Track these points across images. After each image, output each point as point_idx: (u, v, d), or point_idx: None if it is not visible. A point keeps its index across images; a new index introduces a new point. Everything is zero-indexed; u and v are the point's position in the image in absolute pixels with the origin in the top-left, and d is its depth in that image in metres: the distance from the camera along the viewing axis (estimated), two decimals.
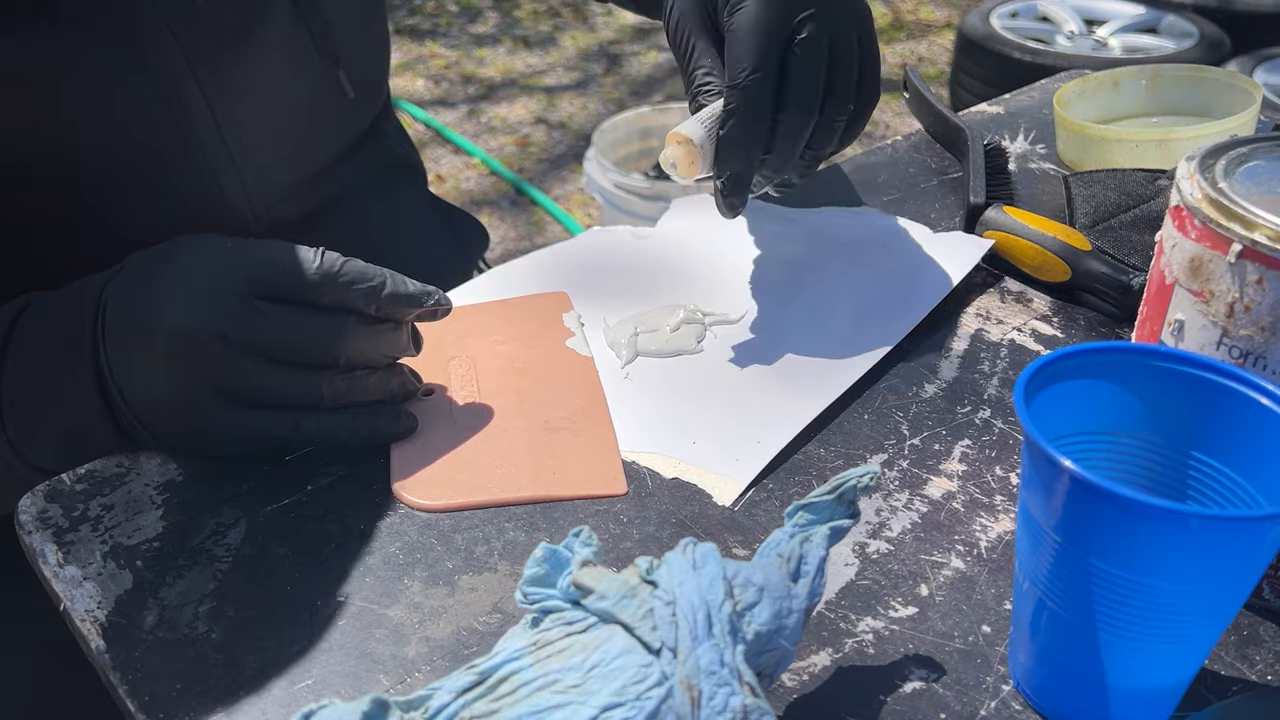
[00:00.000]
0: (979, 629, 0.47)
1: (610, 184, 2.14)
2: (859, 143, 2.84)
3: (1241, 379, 0.40)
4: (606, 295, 0.68)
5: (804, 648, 0.46)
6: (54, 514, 0.53)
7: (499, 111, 3.02)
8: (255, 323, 0.51)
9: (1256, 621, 0.47)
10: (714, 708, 0.35)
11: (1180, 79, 0.84)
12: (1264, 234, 0.42)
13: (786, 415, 0.58)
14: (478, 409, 0.59)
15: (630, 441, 0.57)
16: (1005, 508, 0.53)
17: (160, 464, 0.55)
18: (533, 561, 0.40)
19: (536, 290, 0.69)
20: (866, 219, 0.75)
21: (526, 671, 0.36)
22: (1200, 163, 0.46)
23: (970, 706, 0.44)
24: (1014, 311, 0.67)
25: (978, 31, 2.54)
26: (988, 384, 0.61)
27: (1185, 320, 0.46)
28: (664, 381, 0.61)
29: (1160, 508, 0.35)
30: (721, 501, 0.53)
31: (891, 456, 0.56)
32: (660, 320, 0.65)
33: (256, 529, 0.52)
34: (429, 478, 0.54)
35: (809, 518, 0.42)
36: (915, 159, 0.84)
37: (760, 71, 0.55)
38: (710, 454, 0.56)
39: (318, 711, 0.35)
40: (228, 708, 0.44)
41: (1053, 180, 0.81)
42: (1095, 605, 0.38)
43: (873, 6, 3.66)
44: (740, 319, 0.65)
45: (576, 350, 0.63)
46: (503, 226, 2.46)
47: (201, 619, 0.47)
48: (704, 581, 0.37)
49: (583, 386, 0.60)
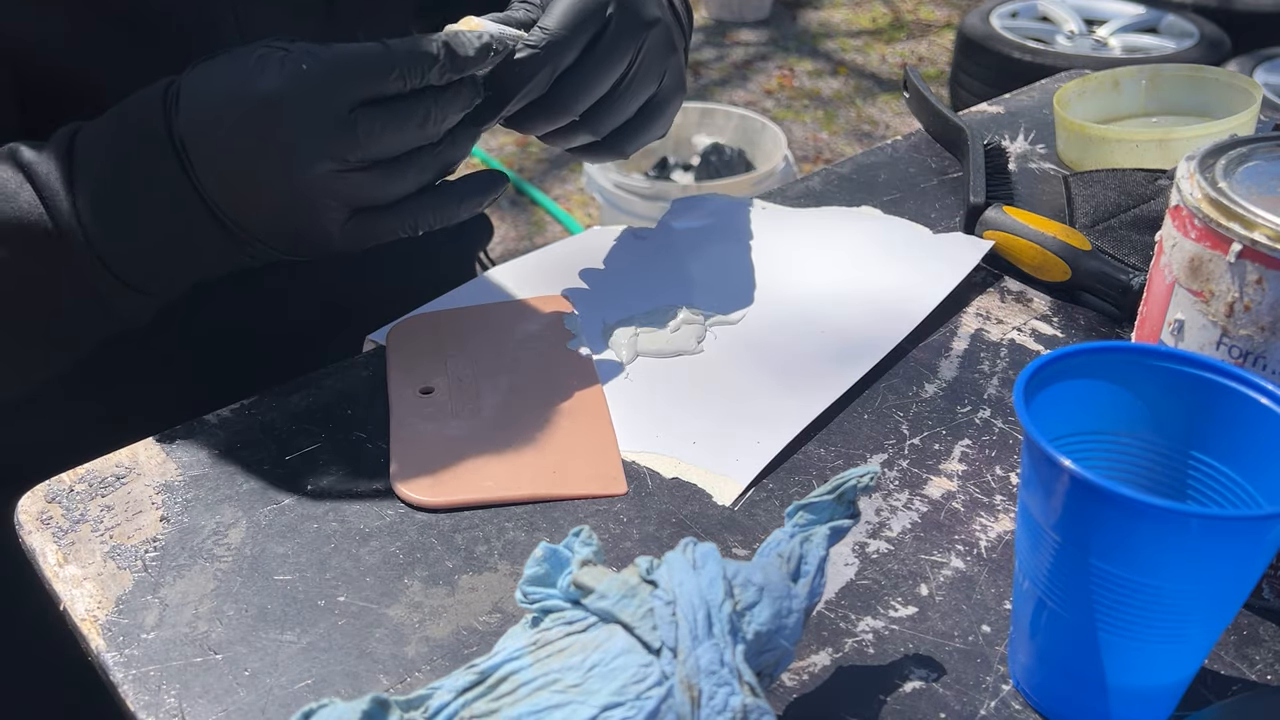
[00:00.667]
0: (979, 629, 0.47)
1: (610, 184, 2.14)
2: (859, 142, 2.84)
3: (1241, 379, 0.40)
4: (606, 295, 0.68)
5: (804, 647, 0.46)
6: (54, 514, 0.53)
7: None
8: (348, 82, 0.50)
9: (1256, 621, 0.47)
10: (714, 707, 0.35)
11: (1180, 79, 0.84)
12: (1264, 234, 0.42)
13: (786, 415, 0.58)
14: (478, 408, 0.59)
15: (630, 441, 0.57)
16: (1005, 508, 0.53)
17: (160, 464, 0.55)
18: (533, 561, 0.40)
19: (537, 289, 0.69)
20: (866, 219, 0.75)
21: (526, 671, 0.36)
22: (1200, 163, 0.46)
23: (970, 706, 0.44)
24: (1014, 311, 0.67)
25: (978, 31, 2.54)
26: (988, 384, 0.61)
27: (1185, 320, 0.46)
28: (664, 381, 0.61)
29: (1160, 508, 0.35)
30: (721, 501, 0.53)
31: (891, 456, 0.56)
32: (660, 320, 0.65)
33: (256, 529, 0.52)
34: (429, 475, 0.54)
35: (809, 518, 0.42)
36: (915, 159, 0.84)
37: (569, 31, 0.54)
38: (710, 454, 0.56)
39: (318, 711, 0.35)
40: (228, 708, 0.44)
41: (1053, 180, 0.81)
42: (1095, 605, 0.38)
43: (873, 6, 3.67)
44: (740, 319, 0.65)
45: (576, 352, 0.63)
46: (503, 226, 2.46)
47: (201, 619, 0.47)
48: (704, 581, 0.37)
49: (582, 387, 0.60)
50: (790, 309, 0.66)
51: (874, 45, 3.42)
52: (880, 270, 0.69)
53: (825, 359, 0.62)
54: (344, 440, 0.57)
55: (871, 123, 2.95)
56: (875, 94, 3.11)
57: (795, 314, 0.66)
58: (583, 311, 0.66)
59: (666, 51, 0.59)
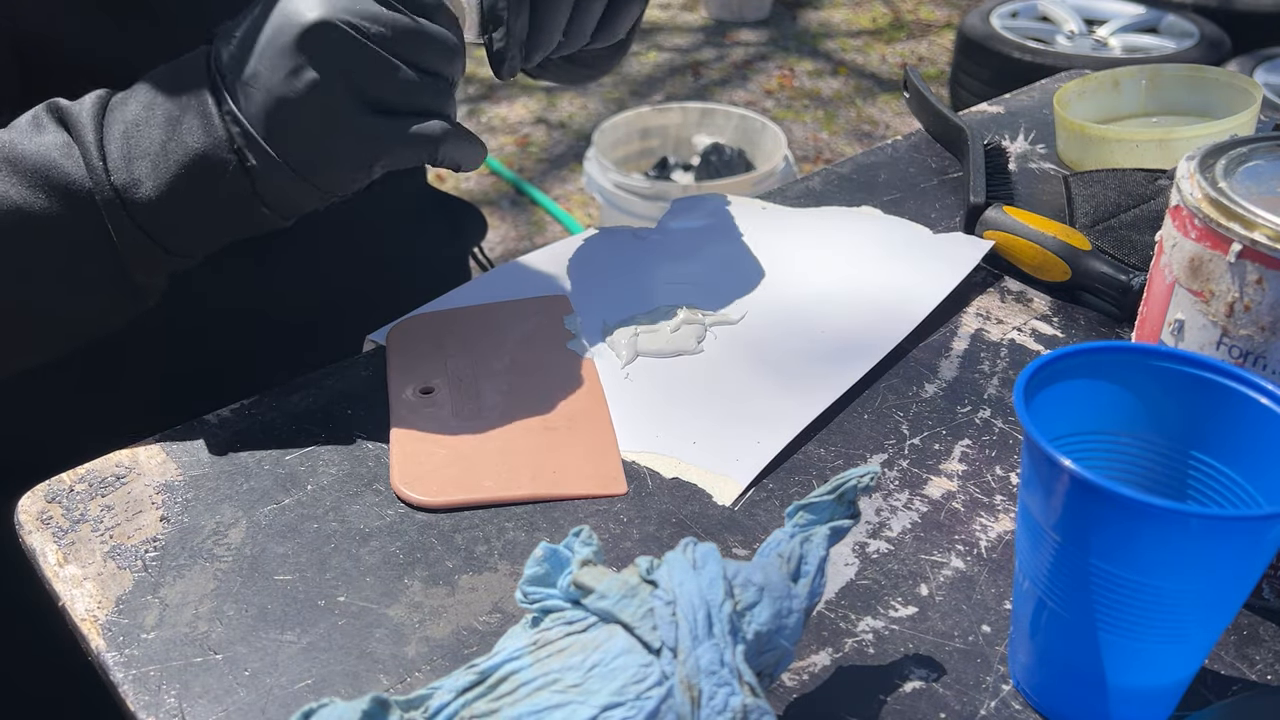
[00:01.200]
0: (979, 629, 0.47)
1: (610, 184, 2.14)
2: (859, 142, 2.84)
3: (1241, 379, 0.40)
4: (607, 295, 0.68)
5: (804, 647, 0.46)
6: (54, 514, 0.53)
7: (499, 111, 3.02)
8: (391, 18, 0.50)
9: (1256, 621, 0.47)
10: (714, 707, 0.35)
11: (1180, 79, 0.84)
12: (1264, 234, 0.42)
13: (786, 415, 0.58)
14: (478, 408, 0.59)
15: (630, 442, 0.57)
16: (1005, 508, 0.53)
17: (160, 464, 0.55)
18: (533, 561, 0.40)
19: (537, 289, 0.69)
20: (866, 219, 0.75)
21: (526, 671, 0.36)
22: (1200, 163, 0.46)
23: (970, 706, 0.44)
24: (1014, 311, 0.67)
25: (978, 31, 2.54)
26: (988, 384, 0.61)
27: (1185, 320, 0.46)
28: (664, 382, 0.61)
29: (1160, 508, 0.35)
30: (722, 501, 0.53)
31: (891, 456, 0.56)
32: (660, 320, 0.65)
33: (256, 529, 0.52)
34: (429, 475, 0.54)
35: (809, 518, 0.42)
36: (915, 159, 0.84)
37: None
38: (710, 454, 0.56)
39: (318, 711, 0.35)
40: (228, 708, 0.44)
41: (1053, 180, 0.81)
42: (1095, 605, 0.38)
43: (873, 6, 3.67)
44: (740, 319, 0.65)
45: (576, 352, 0.63)
46: (503, 226, 2.46)
47: (201, 619, 0.47)
48: (704, 581, 0.37)
49: (582, 387, 0.60)
50: (790, 309, 0.66)
51: (874, 45, 3.42)
52: (880, 270, 0.69)
53: (825, 359, 0.62)
54: (344, 440, 0.57)
55: (871, 123, 2.95)
56: (875, 94, 3.11)
57: (795, 314, 0.66)
58: (583, 312, 0.66)
59: None
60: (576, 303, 0.67)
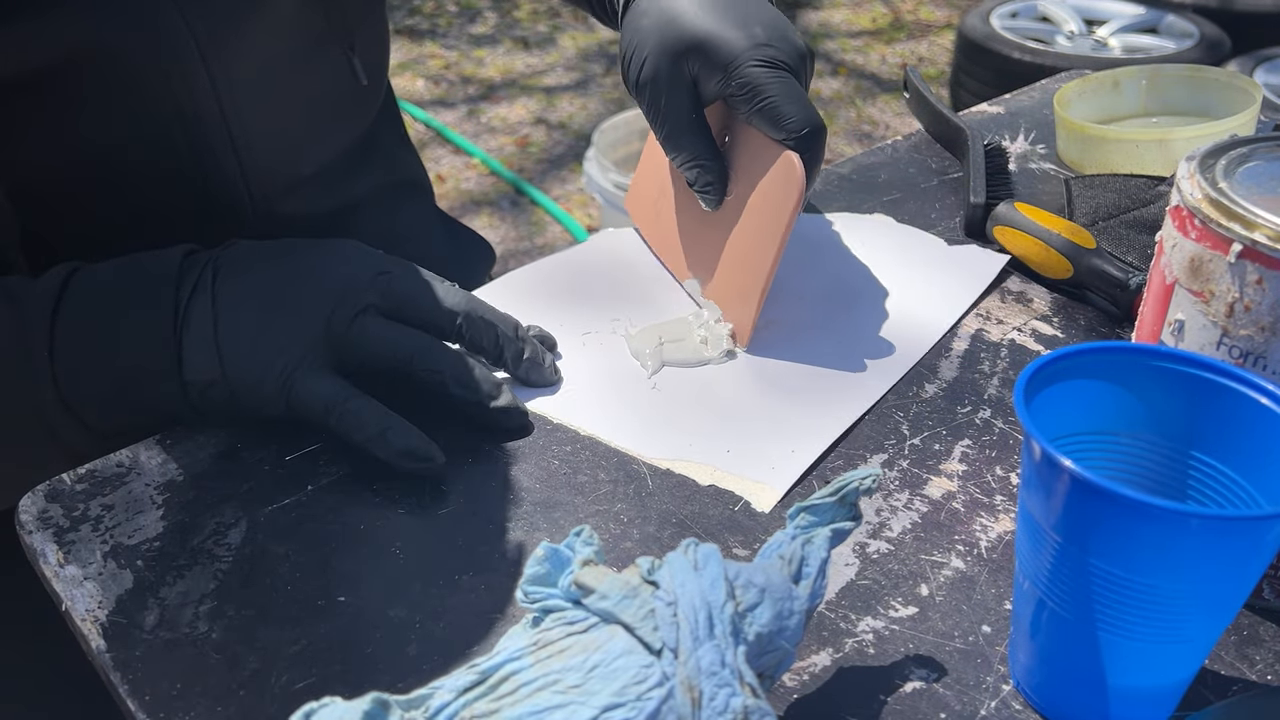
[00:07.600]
0: (979, 629, 0.47)
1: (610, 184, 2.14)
2: (859, 142, 2.84)
3: (1241, 379, 0.40)
4: (623, 302, 0.68)
5: (804, 648, 0.46)
6: (54, 514, 0.53)
7: (499, 112, 3.02)
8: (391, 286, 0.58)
9: (1256, 621, 0.47)
10: (715, 708, 0.35)
11: (1180, 79, 0.84)
12: (1264, 234, 0.42)
13: (819, 424, 0.57)
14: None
15: (663, 450, 0.56)
16: (1005, 508, 0.53)
17: (160, 464, 0.55)
18: (534, 560, 0.40)
19: (549, 297, 0.68)
20: (881, 226, 0.75)
21: (527, 671, 0.36)
22: (1200, 163, 0.46)
23: (970, 706, 0.44)
24: (1014, 311, 0.67)
25: (978, 32, 2.54)
26: (988, 384, 0.61)
27: (1185, 320, 0.46)
28: (692, 392, 0.60)
29: (1160, 508, 0.35)
30: (760, 508, 0.53)
31: (891, 456, 0.56)
32: (686, 330, 0.64)
33: (256, 529, 0.52)
34: (645, 201, 0.72)
35: (811, 519, 0.42)
36: (915, 159, 0.84)
37: (813, 125, 0.59)
38: (746, 462, 0.55)
39: (318, 711, 0.35)
40: (228, 708, 0.44)
41: (1053, 180, 0.81)
42: (1095, 605, 0.38)
43: (873, 6, 3.67)
44: (764, 327, 0.65)
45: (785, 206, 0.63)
46: (503, 227, 2.46)
47: (201, 619, 0.47)
48: (705, 582, 0.37)
49: (774, 211, 0.61)
50: (811, 317, 0.66)
51: (874, 45, 3.42)
52: (900, 282, 0.69)
53: (852, 371, 0.62)
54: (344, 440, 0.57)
55: (871, 123, 2.95)
56: (875, 94, 3.11)
57: (816, 323, 0.65)
58: (601, 319, 0.66)
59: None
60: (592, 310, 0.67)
